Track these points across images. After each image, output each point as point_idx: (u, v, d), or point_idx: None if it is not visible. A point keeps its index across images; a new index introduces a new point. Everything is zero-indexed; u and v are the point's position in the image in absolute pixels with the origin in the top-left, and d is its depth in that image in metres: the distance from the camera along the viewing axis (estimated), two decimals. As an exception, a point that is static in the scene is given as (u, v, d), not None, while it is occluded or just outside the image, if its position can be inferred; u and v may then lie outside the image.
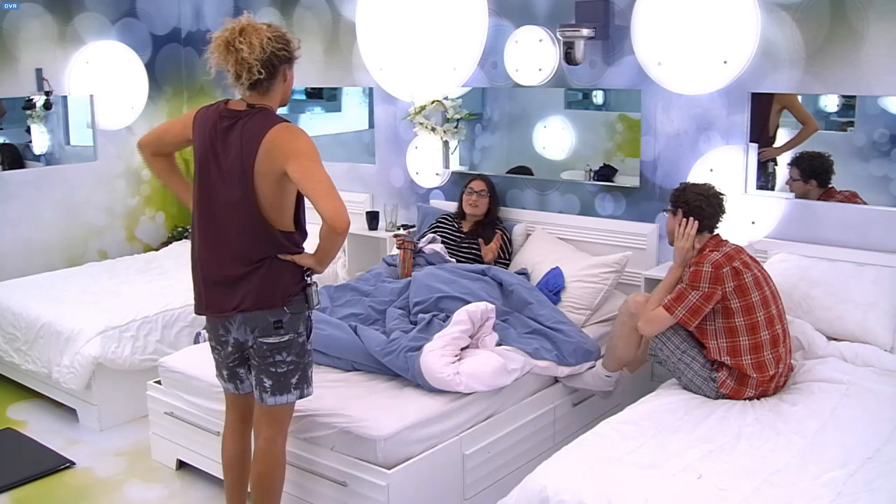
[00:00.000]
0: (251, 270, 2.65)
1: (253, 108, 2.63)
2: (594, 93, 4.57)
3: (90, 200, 5.70)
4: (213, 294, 2.73)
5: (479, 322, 3.46)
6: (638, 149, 4.23)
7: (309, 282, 2.76)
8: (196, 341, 3.89)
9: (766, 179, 3.96)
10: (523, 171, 4.82)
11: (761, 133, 3.89)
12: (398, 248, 4.29)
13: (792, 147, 3.92)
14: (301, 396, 2.81)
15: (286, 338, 2.70)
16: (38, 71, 5.30)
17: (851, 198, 3.74)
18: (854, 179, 3.78)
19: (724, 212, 3.31)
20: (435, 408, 3.10)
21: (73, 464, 3.80)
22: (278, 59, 2.62)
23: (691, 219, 3.26)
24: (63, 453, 3.87)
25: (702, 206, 3.26)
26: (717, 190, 3.32)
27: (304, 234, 2.79)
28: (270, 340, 2.69)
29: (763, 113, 3.87)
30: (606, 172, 4.51)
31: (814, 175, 3.81)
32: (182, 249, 5.40)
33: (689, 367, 3.19)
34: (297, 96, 6.00)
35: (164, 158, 2.93)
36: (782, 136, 4.00)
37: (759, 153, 3.90)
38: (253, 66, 2.56)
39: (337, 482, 2.98)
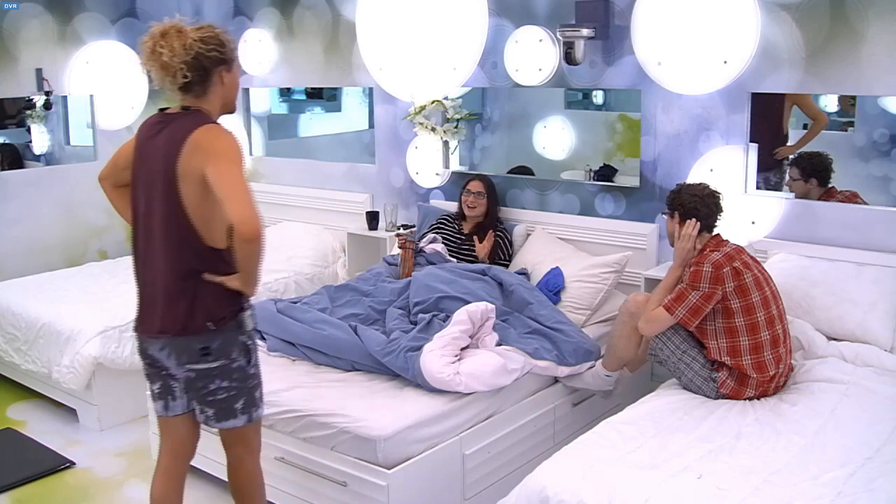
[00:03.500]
0: (179, 290, 2.48)
1: (186, 111, 2.50)
2: (594, 93, 4.58)
3: (90, 200, 5.70)
4: (145, 312, 2.58)
5: (479, 322, 3.46)
6: (638, 149, 4.23)
7: (245, 305, 2.55)
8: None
9: (780, 178, 3.93)
10: (523, 171, 4.82)
11: (777, 132, 3.87)
12: (400, 247, 4.29)
13: (805, 143, 3.90)
14: (249, 421, 2.64)
15: (216, 364, 2.51)
16: (38, 71, 5.30)
17: (852, 198, 3.74)
18: (854, 179, 3.78)
19: (720, 210, 3.30)
20: (435, 408, 3.10)
21: (73, 464, 3.80)
22: (209, 61, 2.47)
23: (693, 220, 3.26)
24: (63, 453, 3.87)
25: (697, 206, 3.26)
26: (713, 189, 3.32)
27: (232, 252, 2.50)
28: (199, 367, 2.51)
29: (777, 112, 3.85)
30: (606, 172, 4.51)
31: (813, 174, 3.81)
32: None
33: (689, 367, 3.19)
34: (296, 96, 6.00)
35: (124, 192, 2.68)
36: (790, 134, 3.99)
37: (774, 152, 3.88)
38: (177, 70, 2.43)
39: (337, 482, 2.98)
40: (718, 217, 3.30)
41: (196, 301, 2.48)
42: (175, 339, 2.51)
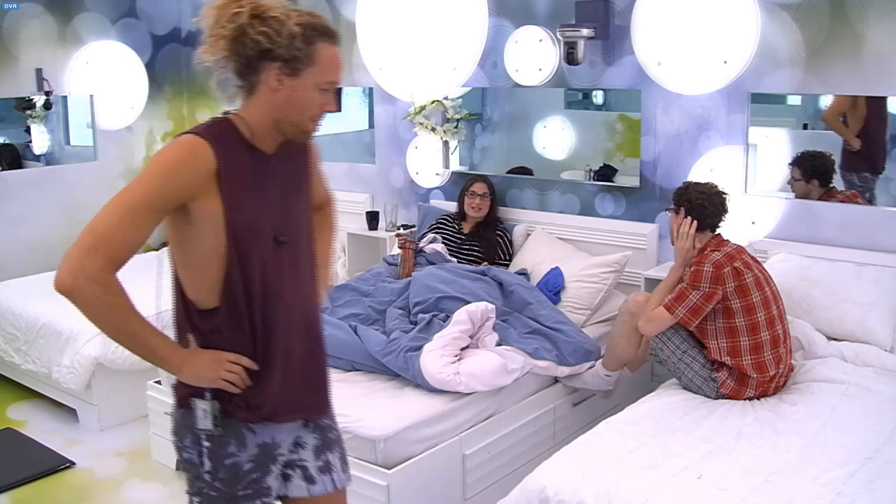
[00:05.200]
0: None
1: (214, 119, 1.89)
2: (594, 93, 4.57)
3: (90, 200, 5.68)
4: None
5: (479, 322, 3.45)
6: (638, 149, 4.23)
7: (207, 396, 1.87)
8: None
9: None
10: (523, 171, 4.82)
11: (884, 132, 3.70)
12: (400, 247, 4.29)
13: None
14: None
15: (172, 438, 2.00)
16: (38, 71, 5.30)
17: (852, 198, 3.74)
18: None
19: (726, 211, 3.31)
20: (435, 408, 3.10)
21: (73, 464, 3.80)
22: (253, 45, 1.74)
23: (690, 218, 3.26)
24: (63, 453, 3.87)
25: (704, 204, 3.26)
26: (720, 189, 3.32)
27: (224, 318, 1.87)
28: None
29: (885, 112, 3.66)
30: (606, 172, 4.51)
31: (815, 175, 3.81)
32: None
33: (689, 367, 3.19)
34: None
35: None
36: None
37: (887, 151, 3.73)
38: (215, 44, 1.77)
39: (337, 482, 2.98)
40: (723, 217, 3.30)
41: None
42: None
